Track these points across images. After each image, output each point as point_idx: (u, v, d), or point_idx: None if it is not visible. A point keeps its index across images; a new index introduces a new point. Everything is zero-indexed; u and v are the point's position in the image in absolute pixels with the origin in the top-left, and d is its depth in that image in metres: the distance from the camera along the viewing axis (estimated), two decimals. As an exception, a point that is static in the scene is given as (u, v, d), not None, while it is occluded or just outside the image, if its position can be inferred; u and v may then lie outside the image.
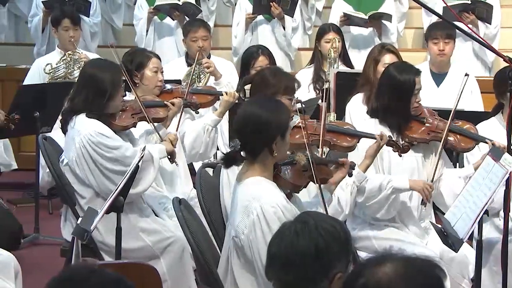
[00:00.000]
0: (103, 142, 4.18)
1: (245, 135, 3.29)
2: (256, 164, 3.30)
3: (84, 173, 4.23)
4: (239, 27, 7.44)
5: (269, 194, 3.24)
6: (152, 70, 4.77)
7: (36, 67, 6.48)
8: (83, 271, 1.90)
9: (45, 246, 5.48)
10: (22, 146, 7.02)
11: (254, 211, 3.19)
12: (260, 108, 3.32)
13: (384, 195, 4.10)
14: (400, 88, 4.17)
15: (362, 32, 7.37)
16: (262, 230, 3.17)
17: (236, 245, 3.27)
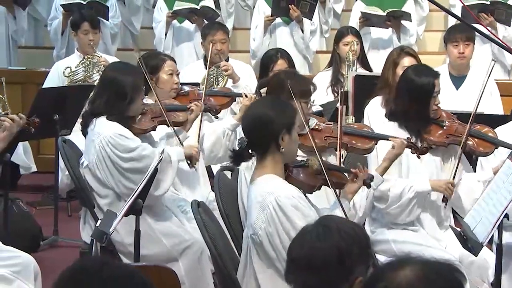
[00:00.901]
0: (121, 143, 4.20)
1: (250, 133, 3.36)
2: (266, 163, 3.33)
3: (104, 174, 4.25)
4: (257, 30, 7.44)
5: (283, 187, 3.28)
6: (167, 73, 4.77)
7: (55, 70, 6.51)
8: (96, 262, 1.89)
9: (64, 249, 5.50)
10: (41, 149, 7.05)
11: (269, 205, 3.21)
12: (263, 107, 3.43)
13: (406, 199, 4.10)
14: (419, 91, 4.15)
15: (382, 34, 7.36)
16: (281, 222, 3.18)
17: (254, 242, 3.28)
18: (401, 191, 4.09)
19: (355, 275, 2.27)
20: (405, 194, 4.09)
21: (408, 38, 7.30)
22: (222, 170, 4.16)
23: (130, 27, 8.41)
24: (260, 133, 3.32)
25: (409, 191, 4.10)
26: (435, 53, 8.09)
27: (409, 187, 4.10)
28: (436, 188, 4.13)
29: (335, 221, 2.38)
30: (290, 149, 3.36)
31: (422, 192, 4.12)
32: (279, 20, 7.42)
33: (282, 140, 3.30)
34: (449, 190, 4.10)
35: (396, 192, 4.10)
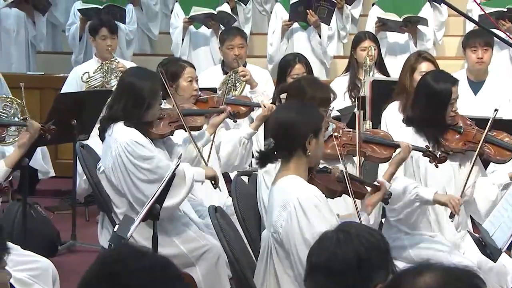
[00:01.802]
0: (137, 152, 4.20)
1: (277, 137, 3.35)
2: (290, 165, 3.33)
3: (118, 181, 4.26)
4: (274, 35, 7.45)
5: (305, 187, 3.29)
6: (186, 80, 4.78)
7: (73, 75, 6.54)
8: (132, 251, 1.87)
9: (82, 253, 5.51)
10: (59, 153, 7.07)
11: (291, 203, 3.22)
12: (289, 111, 3.42)
13: (407, 200, 4.06)
14: (436, 97, 4.14)
15: (399, 39, 7.35)
16: (298, 219, 3.19)
17: (275, 241, 3.28)
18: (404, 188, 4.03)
19: (374, 282, 2.26)
20: (407, 193, 4.04)
21: (425, 43, 7.28)
22: (239, 175, 4.16)
23: (148, 33, 8.43)
24: (287, 136, 3.33)
25: (412, 191, 4.04)
26: (454, 58, 8.06)
27: (412, 186, 4.05)
28: (438, 200, 4.03)
29: (355, 227, 2.37)
30: (316, 153, 3.37)
31: (422, 198, 4.04)
32: (296, 25, 7.41)
33: (309, 143, 3.31)
34: (454, 202, 3.98)
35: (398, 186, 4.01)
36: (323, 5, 7.23)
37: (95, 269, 1.84)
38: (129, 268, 1.81)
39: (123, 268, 1.81)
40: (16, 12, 7.74)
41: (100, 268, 1.85)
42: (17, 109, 5.36)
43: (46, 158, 6.32)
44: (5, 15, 7.76)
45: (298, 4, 7.24)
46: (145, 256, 1.85)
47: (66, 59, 7.88)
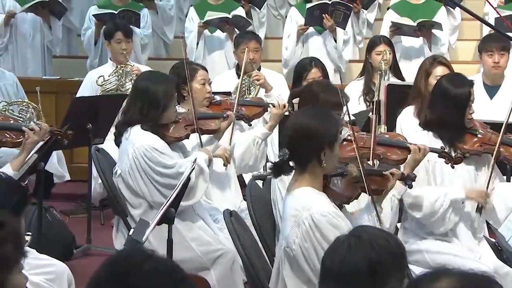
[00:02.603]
0: (156, 158, 4.22)
1: (294, 145, 3.31)
2: (305, 175, 3.30)
3: (136, 183, 4.27)
4: (290, 39, 7.44)
5: (318, 203, 3.25)
6: (199, 83, 4.79)
7: (88, 79, 6.56)
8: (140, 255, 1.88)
9: (97, 257, 5.52)
10: (74, 157, 7.10)
11: (305, 221, 3.19)
12: (309, 118, 3.34)
13: (442, 210, 4.08)
14: (455, 100, 4.12)
15: (413, 43, 7.33)
16: (317, 239, 3.17)
17: (287, 255, 3.26)
18: (436, 200, 4.07)
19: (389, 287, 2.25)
20: (440, 205, 4.07)
21: (440, 48, 7.25)
22: (254, 179, 4.16)
23: (163, 37, 8.45)
24: (303, 146, 3.28)
25: (444, 200, 4.07)
26: (468, 62, 8.03)
27: (443, 196, 4.07)
28: (469, 195, 4.09)
29: (367, 232, 2.35)
30: (330, 164, 3.33)
31: (456, 200, 4.09)
32: (311, 30, 7.41)
33: (324, 155, 3.27)
34: (484, 198, 4.07)
35: (430, 201, 4.07)
36: (339, 9, 7.22)
37: (103, 270, 1.86)
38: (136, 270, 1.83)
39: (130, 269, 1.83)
40: (32, 17, 7.78)
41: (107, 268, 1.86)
42: (33, 113, 5.39)
43: (61, 162, 6.34)
44: (22, 20, 7.80)
45: (313, 8, 7.23)
46: (152, 258, 1.86)
47: (82, 63, 7.91)
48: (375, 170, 3.77)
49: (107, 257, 1.89)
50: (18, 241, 1.98)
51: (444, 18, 7.44)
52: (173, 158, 4.27)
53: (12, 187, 2.69)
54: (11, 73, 6.31)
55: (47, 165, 4.83)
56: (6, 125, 4.45)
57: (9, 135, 4.38)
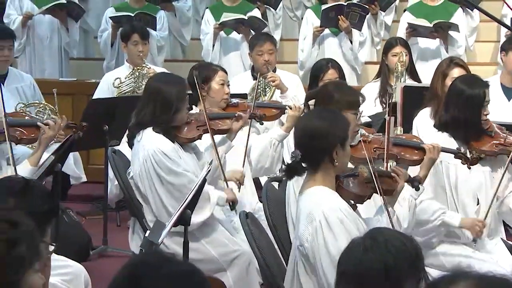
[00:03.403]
0: (164, 162, 4.22)
1: (304, 146, 3.32)
2: (317, 175, 3.31)
3: (144, 188, 4.28)
4: (306, 41, 7.44)
5: (331, 200, 3.25)
6: (218, 83, 4.81)
7: (105, 81, 6.58)
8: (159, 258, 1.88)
9: (113, 258, 5.53)
10: (91, 159, 7.12)
11: (316, 217, 3.19)
12: (316, 119, 3.37)
13: (433, 226, 4.13)
14: (470, 102, 4.11)
15: (430, 44, 7.30)
16: (324, 235, 3.16)
17: (301, 254, 3.26)
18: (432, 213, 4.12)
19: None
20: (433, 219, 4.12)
21: (456, 49, 7.22)
22: (270, 181, 4.16)
23: (180, 39, 8.47)
24: (314, 147, 3.29)
25: (438, 217, 4.12)
26: (486, 63, 7.99)
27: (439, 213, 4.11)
28: (464, 225, 4.14)
29: (383, 234, 2.34)
30: (342, 162, 3.34)
31: (448, 224, 4.14)
32: (327, 31, 7.40)
33: (336, 154, 3.28)
34: (477, 228, 4.10)
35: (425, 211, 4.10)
36: (355, 11, 7.20)
37: (121, 273, 1.87)
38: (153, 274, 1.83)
39: (147, 273, 1.83)
40: (49, 19, 7.81)
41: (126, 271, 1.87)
42: (50, 114, 5.42)
43: (78, 163, 6.35)
44: (39, 22, 7.83)
45: (329, 10, 7.22)
46: (170, 262, 1.87)
47: (98, 65, 7.93)
48: (384, 171, 3.77)
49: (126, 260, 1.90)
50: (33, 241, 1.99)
51: (462, 20, 7.40)
52: (181, 166, 4.26)
53: (44, 196, 2.70)
54: (28, 75, 6.34)
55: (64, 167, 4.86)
56: (22, 122, 4.46)
57: (25, 132, 4.39)
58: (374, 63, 7.58)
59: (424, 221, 4.09)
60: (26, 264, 1.95)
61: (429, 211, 4.10)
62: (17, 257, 1.93)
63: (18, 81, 5.98)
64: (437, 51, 7.27)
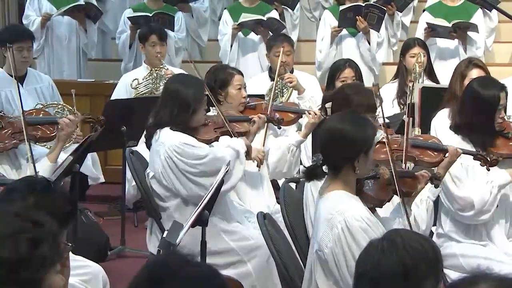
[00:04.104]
0: (188, 151, 4.24)
1: (328, 150, 3.29)
2: (338, 180, 3.29)
3: (171, 183, 4.29)
4: (323, 41, 7.43)
5: (352, 208, 3.23)
6: (236, 88, 4.81)
7: (123, 82, 6.60)
8: (179, 259, 1.89)
9: (131, 259, 5.55)
10: (109, 160, 7.15)
11: (338, 225, 3.17)
12: (346, 124, 3.30)
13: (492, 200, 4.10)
14: (484, 104, 4.09)
15: (448, 44, 7.27)
16: (348, 243, 3.14)
17: (319, 258, 3.25)
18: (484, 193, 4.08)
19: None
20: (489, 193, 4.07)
21: (475, 50, 7.18)
22: (287, 182, 4.16)
23: (198, 40, 8.48)
24: (338, 152, 3.26)
25: (493, 187, 4.08)
26: (504, 64, 7.95)
27: (490, 183, 4.08)
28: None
29: (401, 235, 2.32)
30: (364, 170, 3.31)
31: (504, 184, 4.11)
32: (345, 32, 7.39)
33: (358, 162, 3.25)
34: None
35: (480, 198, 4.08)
36: (373, 11, 7.18)
37: (141, 275, 1.88)
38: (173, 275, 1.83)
39: (166, 274, 1.84)
40: (68, 20, 7.85)
41: (145, 272, 1.88)
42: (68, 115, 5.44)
43: (96, 164, 6.37)
44: (58, 23, 7.87)
45: (347, 10, 7.21)
46: (190, 264, 1.87)
47: (116, 66, 7.96)
48: (407, 172, 3.76)
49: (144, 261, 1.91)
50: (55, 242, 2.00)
51: (481, 21, 7.36)
52: (205, 149, 4.28)
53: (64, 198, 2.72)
54: (47, 76, 6.36)
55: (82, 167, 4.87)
56: (39, 120, 4.48)
57: (43, 130, 4.41)
58: (391, 64, 7.57)
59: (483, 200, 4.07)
60: (48, 264, 1.96)
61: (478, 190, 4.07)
62: (40, 257, 1.95)
63: (37, 82, 6.01)
64: (455, 52, 7.24)
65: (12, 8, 9.39)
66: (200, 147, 4.29)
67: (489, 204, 4.09)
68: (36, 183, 2.76)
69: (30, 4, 7.86)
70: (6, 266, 1.91)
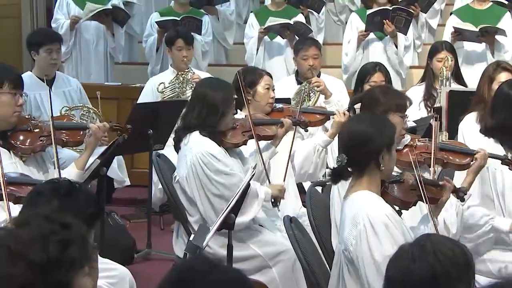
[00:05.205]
0: (213, 163, 4.24)
1: (350, 151, 3.31)
2: (363, 179, 3.29)
3: (191, 191, 4.30)
4: (350, 45, 7.41)
5: (376, 204, 3.23)
6: (264, 87, 4.82)
7: (149, 85, 6.62)
8: (206, 264, 1.89)
9: (157, 262, 5.56)
10: (135, 163, 7.17)
11: (361, 221, 3.17)
12: (362, 123, 3.35)
13: (481, 232, 4.08)
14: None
15: (476, 48, 7.22)
16: (368, 239, 3.13)
17: (346, 258, 3.24)
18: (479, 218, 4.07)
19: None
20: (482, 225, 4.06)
21: (503, 54, 7.12)
22: (313, 185, 4.15)
23: (223, 43, 8.49)
24: (360, 151, 3.27)
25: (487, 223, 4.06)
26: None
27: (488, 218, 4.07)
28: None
29: (432, 241, 2.30)
30: (389, 167, 3.32)
31: (498, 229, 4.08)
32: (372, 36, 7.36)
33: (382, 158, 3.26)
34: None
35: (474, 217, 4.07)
36: (400, 15, 7.15)
37: (168, 279, 1.89)
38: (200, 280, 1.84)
39: (194, 279, 1.84)
40: (96, 24, 7.90)
41: (173, 276, 1.88)
42: (94, 117, 5.47)
43: (121, 167, 6.40)
44: (85, 27, 7.93)
45: (374, 14, 7.19)
46: (217, 268, 1.87)
47: (143, 69, 8.00)
48: (431, 181, 3.74)
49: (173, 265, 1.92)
50: (84, 244, 2.02)
51: (509, 24, 7.29)
52: (229, 167, 4.27)
53: (89, 199, 2.74)
54: (75, 79, 6.41)
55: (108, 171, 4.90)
56: (68, 125, 4.51)
57: (71, 135, 4.43)
58: (416, 67, 7.53)
59: (473, 226, 4.05)
60: (77, 266, 1.97)
61: (476, 216, 4.06)
62: (69, 259, 1.96)
63: (65, 85, 6.05)
64: (483, 55, 7.18)
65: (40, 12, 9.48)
66: (224, 163, 4.27)
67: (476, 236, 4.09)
68: (60, 186, 2.77)
69: (59, 8, 7.92)
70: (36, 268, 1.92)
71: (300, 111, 4.87)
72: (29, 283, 1.91)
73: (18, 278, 1.91)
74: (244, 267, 4.17)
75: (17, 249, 1.94)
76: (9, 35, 9.04)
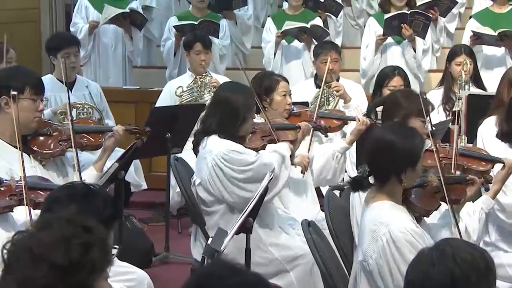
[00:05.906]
0: (237, 158, 4.24)
1: (376, 161, 3.27)
2: (384, 189, 3.27)
3: (218, 190, 4.30)
4: (368, 49, 7.39)
5: (397, 219, 3.20)
6: (281, 94, 4.81)
7: (167, 89, 6.64)
8: (225, 268, 1.89)
9: (175, 265, 5.57)
10: (153, 166, 7.18)
11: (383, 237, 3.14)
12: (395, 135, 3.27)
13: None
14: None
15: (495, 52, 7.18)
16: (392, 255, 3.11)
17: (364, 268, 3.23)
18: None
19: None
20: None
21: (522, 58, 7.10)
22: (332, 189, 4.14)
23: (241, 47, 8.50)
24: (385, 163, 3.24)
25: None
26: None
27: None
28: None
29: (452, 245, 2.29)
30: (410, 182, 3.29)
31: None
32: (390, 40, 7.33)
33: (405, 174, 3.22)
34: None
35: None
36: (418, 19, 7.12)
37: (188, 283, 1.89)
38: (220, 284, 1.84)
39: (214, 283, 1.84)
40: (114, 28, 7.93)
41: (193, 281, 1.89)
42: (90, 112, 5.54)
43: (138, 171, 6.41)
44: (104, 31, 7.96)
45: (392, 18, 7.16)
46: (237, 273, 1.87)
47: (161, 73, 8.01)
48: (457, 177, 3.71)
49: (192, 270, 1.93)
50: (105, 248, 2.02)
51: (528, 27, 7.26)
52: (252, 155, 4.28)
53: (106, 201, 2.74)
54: (95, 83, 6.43)
55: (125, 174, 4.91)
56: (87, 129, 4.53)
57: (90, 138, 4.45)
58: (434, 71, 7.50)
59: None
60: (98, 269, 1.98)
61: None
62: (90, 262, 1.97)
63: (86, 88, 6.09)
64: (502, 59, 7.15)
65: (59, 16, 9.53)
66: (248, 153, 4.29)
67: None
68: (76, 190, 2.78)
69: (78, 12, 7.96)
70: (58, 271, 1.93)
71: (318, 115, 4.86)
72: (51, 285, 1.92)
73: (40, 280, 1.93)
74: (261, 271, 4.16)
75: (39, 251, 1.95)
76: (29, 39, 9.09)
